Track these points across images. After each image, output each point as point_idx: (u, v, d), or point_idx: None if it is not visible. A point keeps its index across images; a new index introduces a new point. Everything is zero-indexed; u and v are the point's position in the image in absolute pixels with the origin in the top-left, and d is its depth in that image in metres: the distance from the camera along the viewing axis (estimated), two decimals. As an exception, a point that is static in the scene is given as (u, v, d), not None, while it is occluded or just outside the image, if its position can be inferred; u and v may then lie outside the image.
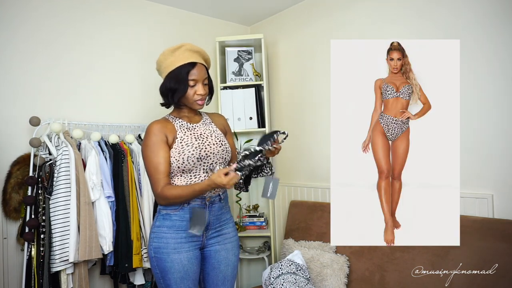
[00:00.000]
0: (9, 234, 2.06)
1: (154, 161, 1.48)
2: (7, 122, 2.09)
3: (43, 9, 2.23)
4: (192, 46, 1.55)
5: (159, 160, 1.48)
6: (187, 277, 1.50)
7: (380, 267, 2.01)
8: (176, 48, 1.54)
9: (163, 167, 1.48)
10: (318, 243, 2.31)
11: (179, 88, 1.52)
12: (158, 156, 1.48)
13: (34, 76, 2.19)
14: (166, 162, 1.49)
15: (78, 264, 1.97)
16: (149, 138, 1.51)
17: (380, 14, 2.27)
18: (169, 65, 1.53)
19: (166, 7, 2.78)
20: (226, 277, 1.62)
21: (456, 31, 1.92)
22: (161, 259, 1.50)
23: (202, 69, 1.55)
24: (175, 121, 1.59)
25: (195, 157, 1.51)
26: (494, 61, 1.80)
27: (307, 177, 2.75)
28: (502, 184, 1.78)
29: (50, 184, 1.96)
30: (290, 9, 2.87)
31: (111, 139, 2.25)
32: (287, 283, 1.99)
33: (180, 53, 1.52)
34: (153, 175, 1.49)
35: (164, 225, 1.53)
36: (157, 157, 1.48)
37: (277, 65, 3.00)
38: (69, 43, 2.32)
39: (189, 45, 1.55)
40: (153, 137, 1.50)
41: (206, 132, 1.61)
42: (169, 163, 1.51)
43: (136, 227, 2.17)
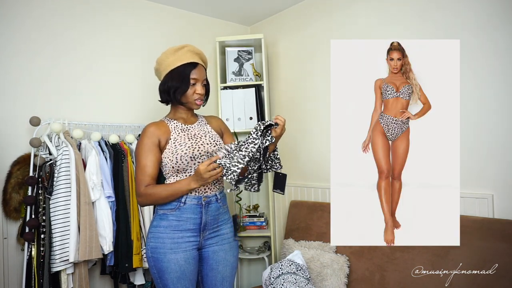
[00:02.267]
0: (9, 234, 2.06)
1: (142, 162, 1.53)
2: (7, 122, 2.09)
3: (43, 9, 2.24)
4: (194, 48, 1.62)
5: (147, 162, 1.52)
6: (184, 277, 1.50)
7: (380, 267, 2.01)
8: (179, 48, 1.60)
9: (150, 169, 1.52)
10: (318, 243, 2.31)
11: (181, 86, 1.57)
12: (147, 159, 1.53)
13: (34, 76, 2.19)
14: (153, 166, 1.53)
15: (78, 264, 1.97)
16: (142, 140, 1.56)
17: (380, 14, 2.27)
18: (171, 64, 1.58)
19: (166, 7, 2.78)
20: (225, 278, 1.62)
21: (456, 31, 1.92)
22: (158, 259, 1.50)
23: (202, 70, 1.62)
24: (170, 122, 1.63)
25: (188, 156, 1.53)
26: (494, 61, 1.80)
27: (307, 177, 2.75)
28: (502, 184, 1.78)
29: (50, 184, 1.96)
30: (290, 9, 2.87)
31: (111, 139, 2.26)
32: (287, 283, 1.99)
33: (183, 53, 1.58)
34: (138, 175, 1.53)
35: (161, 225, 1.53)
36: (145, 159, 1.53)
37: (277, 65, 3.00)
38: (69, 43, 2.32)
39: (191, 46, 1.62)
40: (145, 139, 1.55)
41: (201, 132, 1.64)
42: (157, 167, 1.55)
43: (136, 227, 2.17)
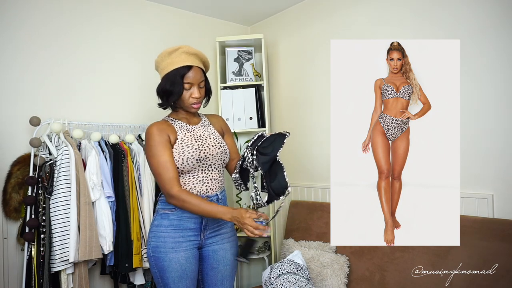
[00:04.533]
0: (9, 234, 2.06)
1: (162, 160, 1.47)
2: (7, 122, 2.09)
3: (43, 9, 2.23)
4: (189, 48, 1.54)
5: (166, 158, 1.47)
6: (185, 276, 1.50)
7: (380, 267, 2.01)
8: (173, 50, 1.53)
9: (172, 165, 1.47)
10: (318, 243, 2.31)
11: (174, 91, 1.52)
12: (165, 155, 1.47)
13: (34, 76, 2.19)
14: (173, 161, 1.48)
15: (78, 264, 1.97)
16: (152, 139, 1.50)
17: (380, 14, 2.27)
18: (165, 67, 1.53)
19: (166, 7, 2.78)
20: (225, 277, 1.62)
21: (456, 31, 1.92)
22: (159, 258, 1.50)
23: (198, 72, 1.54)
24: (174, 122, 1.60)
25: (195, 158, 1.51)
26: (494, 61, 1.80)
27: (307, 177, 2.74)
28: (502, 184, 1.78)
29: (50, 184, 1.96)
30: (290, 9, 2.87)
31: (111, 139, 2.26)
32: (287, 283, 1.99)
33: (176, 56, 1.52)
34: (164, 174, 1.46)
35: (162, 224, 1.53)
36: (164, 156, 1.47)
37: (277, 65, 3.00)
38: (69, 44, 2.32)
39: (186, 47, 1.54)
40: (156, 137, 1.49)
41: (205, 133, 1.61)
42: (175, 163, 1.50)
43: (136, 227, 2.17)
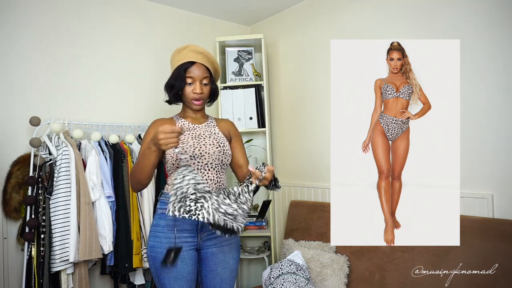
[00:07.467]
0: (9, 234, 2.06)
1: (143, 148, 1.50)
2: (7, 122, 2.09)
3: (43, 9, 2.24)
4: (196, 47, 1.60)
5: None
6: (181, 277, 1.49)
7: (380, 267, 2.01)
8: (182, 48, 1.60)
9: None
10: (318, 243, 2.31)
11: (175, 84, 1.57)
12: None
13: (34, 76, 2.19)
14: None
15: (78, 264, 1.97)
16: (148, 130, 1.58)
17: (380, 14, 2.27)
18: (174, 64, 1.60)
19: (166, 7, 2.78)
20: (224, 280, 1.60)
21: (456, 31, 1.92)
22: (156, 258, 1.50)
23: (201, 68, 1.58)
24: (178, 120, 1.64)
25: (188, 154, 1.52)
26: (494, 61, 1.80)
27: (307, 177, 2.74)
28: (502, 184, 1.78)
29: (50, 184, 1.96)
30: (290, 9, 2.87)
31: (111, 139, 2.26)
32: (287, 283, 1.99)
33: (184, 53, 1.58)
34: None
35: (160, 224, 1.53)
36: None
37: (277, 65, 3.00)
38: (69, 44, 2.32)
39: (193, 46, 1.60)
40: (151, 129, 1.57)
41: (206, 133, 1.62)
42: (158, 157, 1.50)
43: (136, 227, 2.17)
